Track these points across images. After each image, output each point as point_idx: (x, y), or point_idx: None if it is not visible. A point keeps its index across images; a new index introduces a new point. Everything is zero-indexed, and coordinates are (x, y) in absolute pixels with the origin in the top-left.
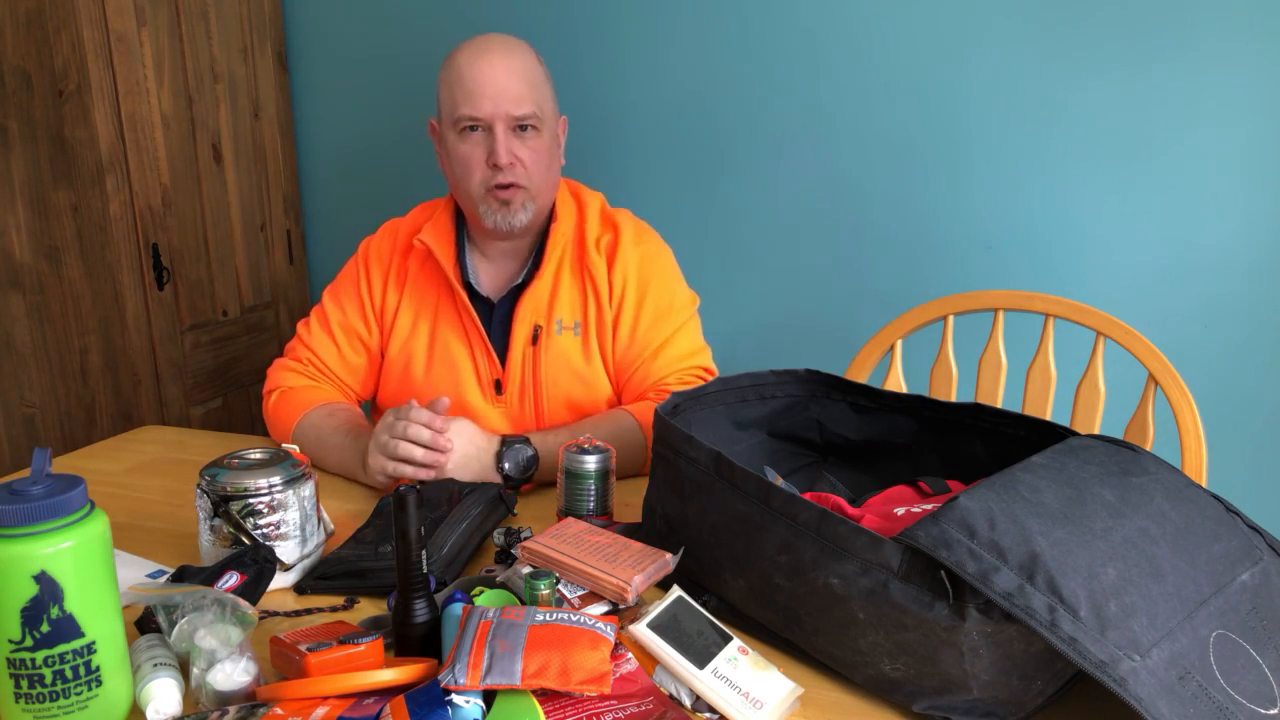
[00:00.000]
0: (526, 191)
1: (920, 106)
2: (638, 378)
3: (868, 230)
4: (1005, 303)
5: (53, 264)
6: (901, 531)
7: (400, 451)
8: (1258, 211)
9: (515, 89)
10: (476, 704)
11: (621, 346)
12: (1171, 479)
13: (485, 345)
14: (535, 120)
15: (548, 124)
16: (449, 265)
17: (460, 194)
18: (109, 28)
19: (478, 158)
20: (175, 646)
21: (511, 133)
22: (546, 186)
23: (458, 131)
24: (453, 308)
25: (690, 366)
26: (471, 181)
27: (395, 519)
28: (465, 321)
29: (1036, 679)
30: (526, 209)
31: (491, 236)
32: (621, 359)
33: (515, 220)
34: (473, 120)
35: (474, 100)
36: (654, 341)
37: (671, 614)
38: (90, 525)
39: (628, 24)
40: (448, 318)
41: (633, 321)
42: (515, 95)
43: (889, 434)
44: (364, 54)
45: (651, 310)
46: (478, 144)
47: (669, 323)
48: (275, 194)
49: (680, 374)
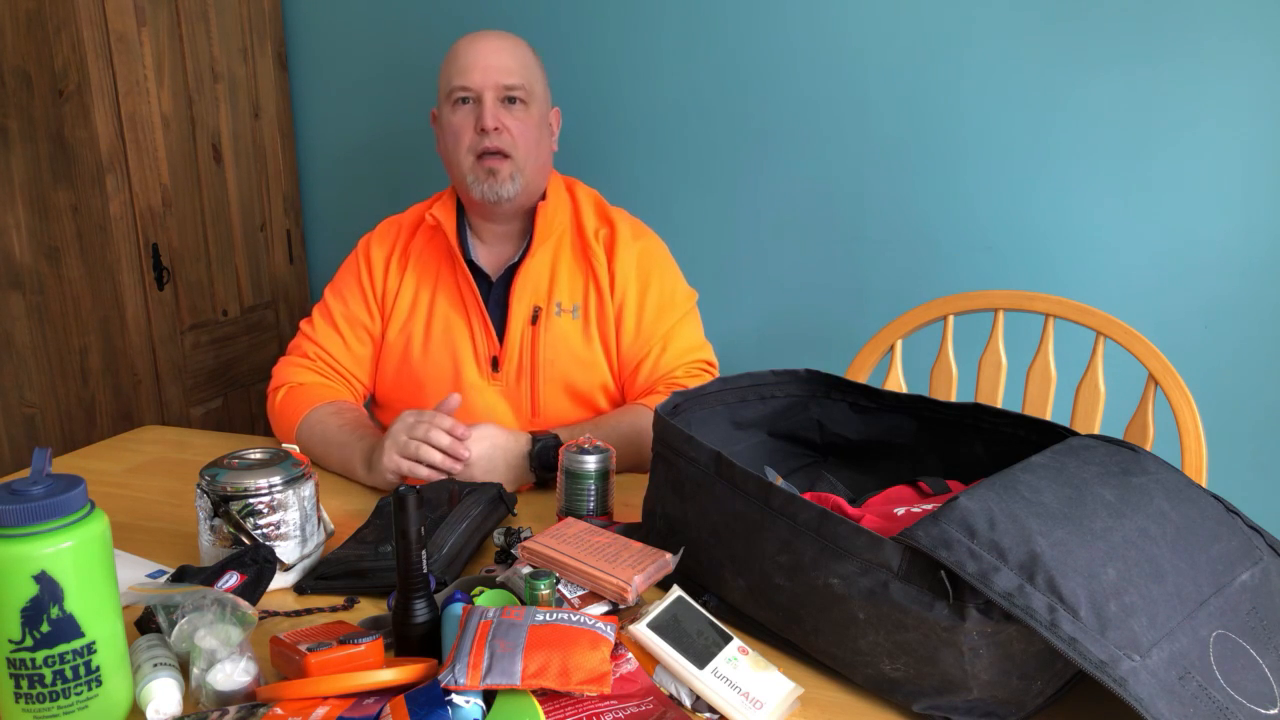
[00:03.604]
0: (513, 162)
1: (920, 106)
2: (646, 369)
3: (868, 230)
4: (1005, 303)
5: (53, 264)
6: (901, 531)
7: (421, 454)
8: (1258, 211)
9: (504, 62)
10: (476, 704)
11: (627, 338)
12: (1171, 479)
13: (484, 319)
14: (523, 94)
15: (537, 102)
16: (452, 237)
17: (453, 168)
18: (109, 28)
19: (468, 125)
20: (175, 646)
21: (500, 104)
22: (533, 162)
23: (451, 104)
24: (453, 281)
25: (696, 360)
26: (460, 150)
27: (395, 519)
28: (465, 292)
29: (1036, 679)
30: (515, 180)
31: (484, 215)
32: (628, 351)
33: (502, 190)
34: (464, 90)
35: (466, 72)
36: (659, 332)
37: (671, 614)
38: (90, 525)
39: (625, 25)
40: (448, 291)
41: (637, 313)
42: (504, 67)
43: (889, 434)
44: (364, 54)
45: (655, 301)
46: (468, 114)
47: (672, 314)
48: (275, 194)
49: (687, 367)
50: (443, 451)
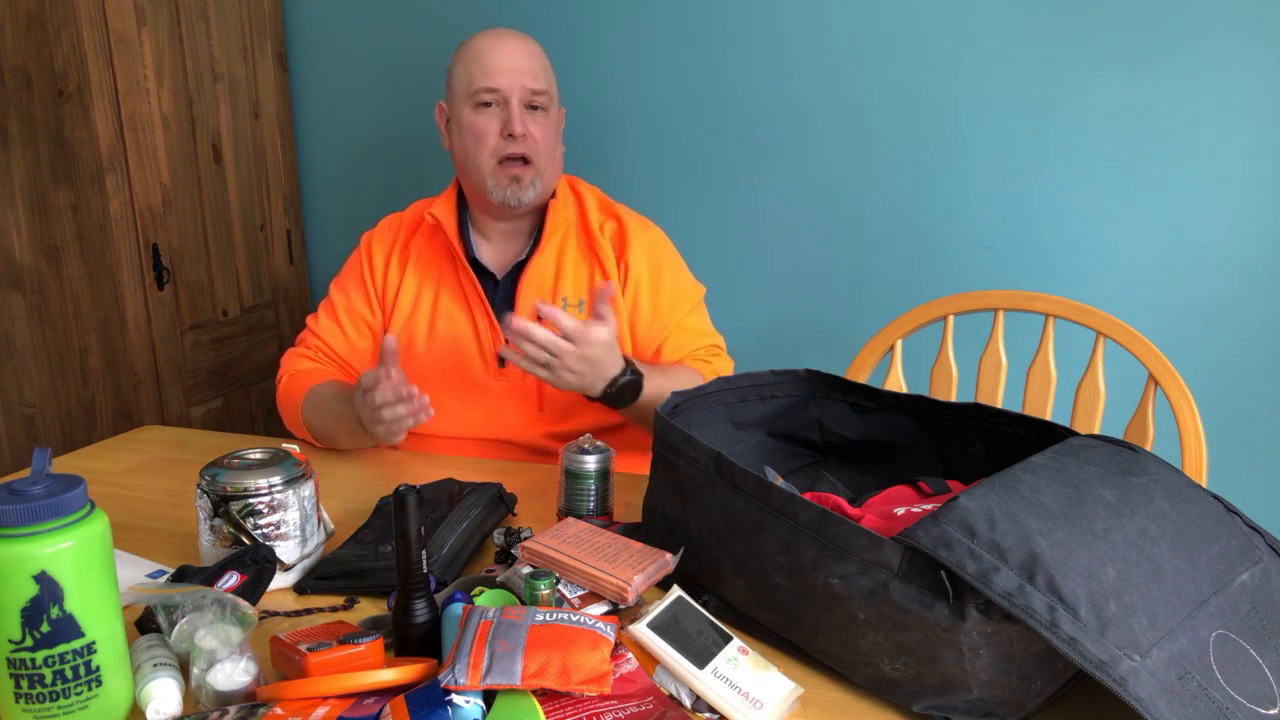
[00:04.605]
0: (535, 168)
1: (920, 106)
2: (670, 346)
3: (868, 230)
4: (1005, 303)
5: (53, 264)
6: (901, 531)
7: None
8: (1258, 211)
9: (531, 65)
10: (476, 704)
11: (644, 324)
12: (1171, 479)
13: (489, 317)
14: (546, 99)
15: (554, 107)
16: (453, 237)
17: (469, 169)
18: (109, 28)
19: (492, 129)
20: (175, 646)
21: (525, 109)
22: (552, 167)
23: (473, 106)
24: (455, 280)
25: (710, 344)
26: (483, 153)
27: (395, 519)
28: (468, 292)
29: (1036, 679)
30: (535, 185)
31: (495, 215)
32: (644, 336)
33: (524, 196)
34: (491, 92)
35: (493, 74)
36: (674, 320)
37: (671, 614)
38: (90, 525)
39: (626, 25)
40: (450, 290)
41: (652, 299)
42: (530, 71)
43: (889, 434)
44: (364, 54)
45: (669, 290)
46: (493, 117)
47: (684, 304)
48: (275, 194)
49: (706, 349)
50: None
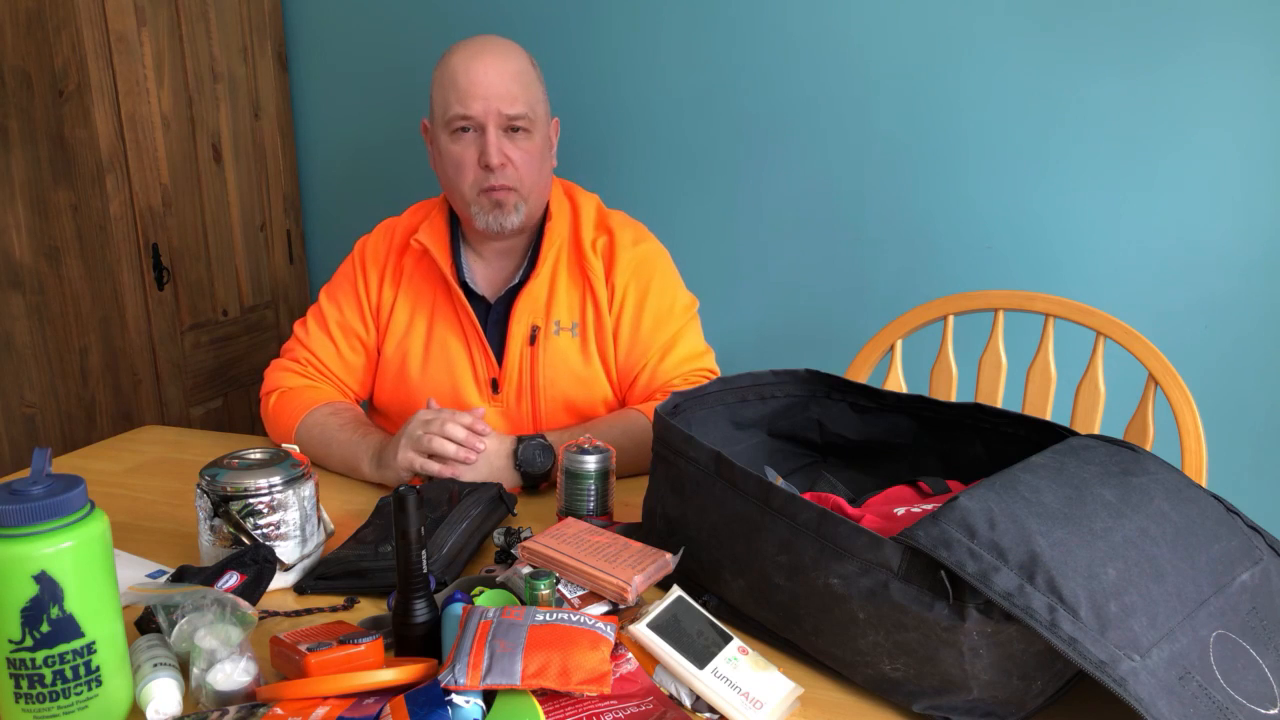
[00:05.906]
0: (517, 193)
1: (920, 106)
2: (644, 380)
3: (868, 230)
4: (1005, 303)
5: (53, 264)
6: (901, 531)
7: (434, 446)
8: (1258, 211)
9: (507, 89)
10: (476, 704)
11: (624, 350)
12: (1172, 479)
13: (482, 344)
14: (527, 122)
15: (539, 126)
16: (445, 264)
17: (453, 195)
18: (109, 28)
19: (469, 159)
20: (175, 646)
21: (503, 134)
22: (538, 188)
23: (450, 132)
24: (449, 306)
25: (696, 369)
26: (464, 183)
27: (395, 519)
28: (462, 319)
29: (1036, 679)
30: (519, 210)
31: (485, 237)
32: (625, 362)
33: (507, 222)
34: (465, 119)
35: (466, 100)
36: (657, 343)
37: (671, 614)
38: (90, 525)
39: (624, 26)
40: (444, 316)
41: (633, 324)
42: (508, 95)
43: (889, 434)
44: (364, 54)
45: (652, 313)
46: (470, 145)
47: (670, 324)
48: (275, 194)
49: (686, 375)
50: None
